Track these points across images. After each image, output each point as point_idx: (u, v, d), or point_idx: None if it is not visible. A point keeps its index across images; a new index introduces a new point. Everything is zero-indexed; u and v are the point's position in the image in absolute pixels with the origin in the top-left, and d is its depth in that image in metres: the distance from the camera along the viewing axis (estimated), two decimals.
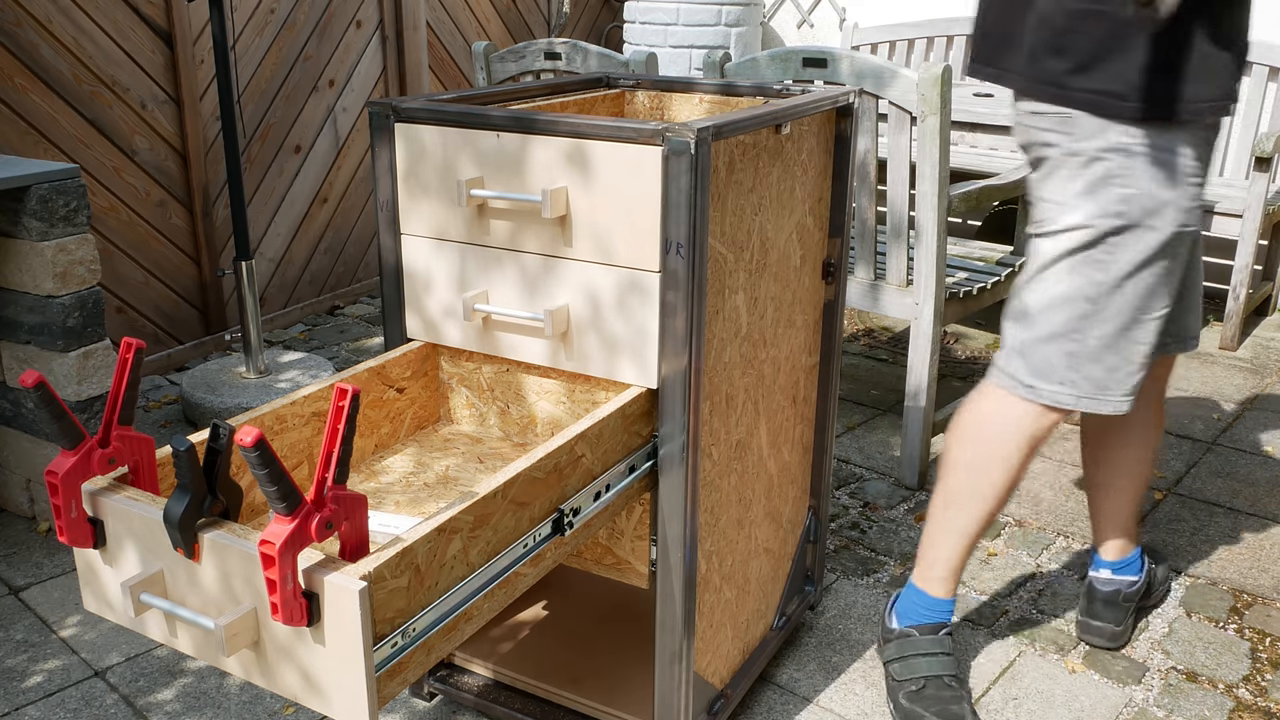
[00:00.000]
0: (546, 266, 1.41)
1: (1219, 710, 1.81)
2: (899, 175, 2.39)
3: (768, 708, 1.80)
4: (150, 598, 1.05)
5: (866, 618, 2.05)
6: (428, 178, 1.45)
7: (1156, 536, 2.35)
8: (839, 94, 1.65)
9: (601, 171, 1.32)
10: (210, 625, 1.00)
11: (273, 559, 0.93)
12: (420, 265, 1.50)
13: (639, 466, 1.41)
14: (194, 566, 1.04)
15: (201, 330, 3.38)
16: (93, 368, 2.18)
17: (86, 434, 1.09)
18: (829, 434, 1.88)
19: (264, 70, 3.43)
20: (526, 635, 1.82)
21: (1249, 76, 3.71)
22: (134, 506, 1.06)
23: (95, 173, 3.01)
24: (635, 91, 1.86)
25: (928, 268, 2.36)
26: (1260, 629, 2.04)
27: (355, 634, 0.95)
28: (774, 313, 1.61)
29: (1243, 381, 3.25)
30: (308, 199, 3.69)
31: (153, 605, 1.05)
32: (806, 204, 1.66)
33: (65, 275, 2.11)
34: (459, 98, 1.55)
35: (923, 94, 2.25)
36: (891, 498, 2.52)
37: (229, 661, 1.05)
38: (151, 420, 2.90)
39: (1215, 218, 3.33)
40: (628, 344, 1.38)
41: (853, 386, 3.18)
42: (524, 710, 1.68)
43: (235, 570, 1.00)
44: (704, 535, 1.51)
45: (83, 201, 2.12)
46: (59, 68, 2.87)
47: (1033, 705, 1.82)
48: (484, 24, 4.28)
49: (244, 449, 0.90)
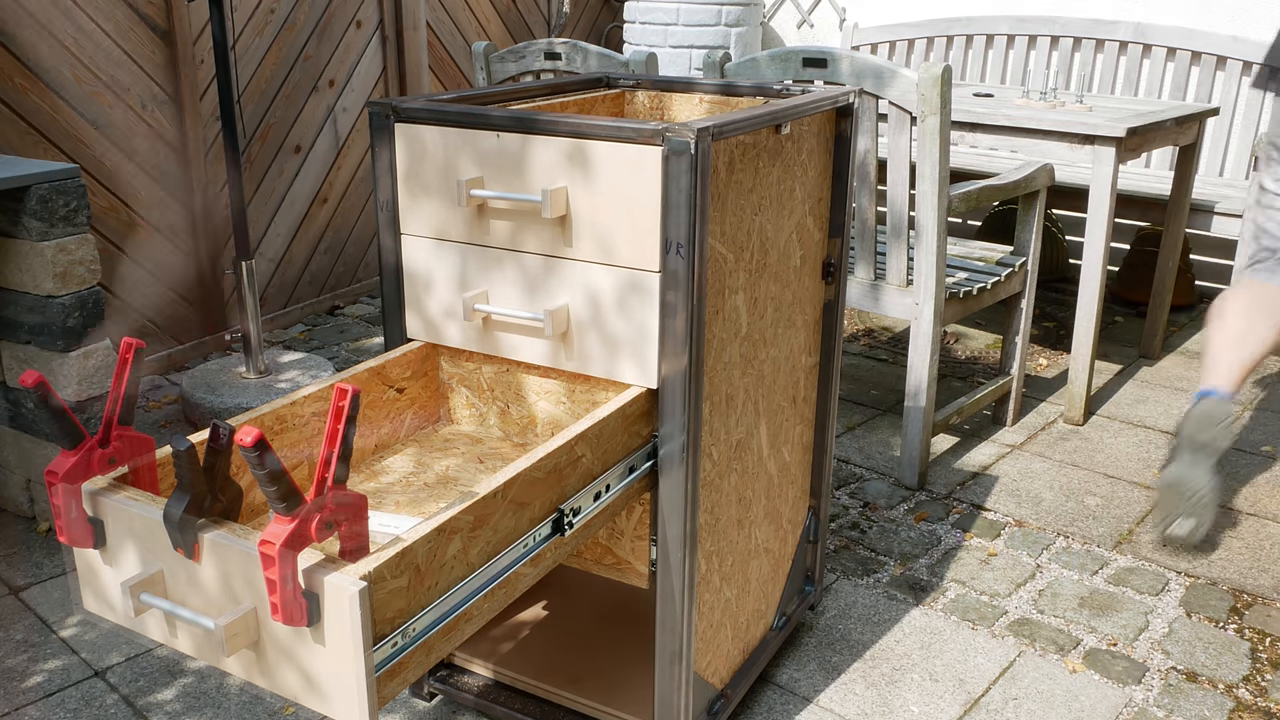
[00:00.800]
0: (546, 266, 1.41)
1: (1219, 710, 1.81)
2: (899, 175, 2.39)
3: (768, 708, 1.80)
4: (150, 598, 1.05)
5: (866, 618, 2.05)
6: (428, 178, 1.45)
7: (1157, 536, 2.35)
8: (839, 94, 1.65)
9: (601, 171, 1.32)
10: (210, 625, 1.00)
11: (273, 559, 0.93)
12: (420, 265, 1.50)
13: (639, 466, 1.41)
14: (194, 566, 1.04)
15: (201, 330, 3.38)
16: (93, 368, 2.18)
17: (86, 434, 1.09)
18: (829, 434, 1.88)
19: (264, 70, 3.43)
20: (526, 635, 1.82)
21: (1249, 76, 3.71)
22: (134, 506, 1.06)
23: (95, 173, 3.01)
24: (635, 91, 1.86)
25: (928, 268, 2.36)
26: (1260, 629, 2.04)
27: (355, 634, 0.95)
28: (774, 313, 1.61)
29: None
30: (308, 199, 3.69)
31: (153, 605, 1.05)
32: (806, 204, 1.66)
33: (65, 275, 2.11)
34: (459, 98, 1.55)
35: (923, 94, 2.25)
36: (891, 498, 2.52)
37: (229, 662, 1.05)
38: (151, 420, 2.90)
39: (1215, 218, 3.33)
40: (628, 344, 1.38)
41: (853, 386, 3.18)
42: (524, 710, 1.68)
43: (235, 570, 1.00)
44: (704, 535, 1.51)
45: (83, 201, 2.12)
46: (59, 68, 2.87)
47: (1033, 705, 1.82)
48: (484, 24, 4.28)
49: (244, 449, 0.90)
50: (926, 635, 2.00)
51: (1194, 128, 3.09)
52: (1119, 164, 2.71)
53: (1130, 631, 2.02)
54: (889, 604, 2.10)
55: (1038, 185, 2.66)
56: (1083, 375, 2.88)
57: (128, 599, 1.05)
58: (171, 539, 1.02)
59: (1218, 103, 3.80)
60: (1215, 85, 3.80)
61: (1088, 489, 2.56)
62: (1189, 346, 3.53)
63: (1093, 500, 2.51)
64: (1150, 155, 3.91)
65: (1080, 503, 2.50)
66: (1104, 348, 3.51)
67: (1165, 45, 3.84)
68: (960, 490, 2.55)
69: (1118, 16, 4.02)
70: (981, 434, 2.86)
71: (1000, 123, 2.78)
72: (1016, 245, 2.77)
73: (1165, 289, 3.32)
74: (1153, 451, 2.77)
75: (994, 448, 2.77)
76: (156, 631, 1.10)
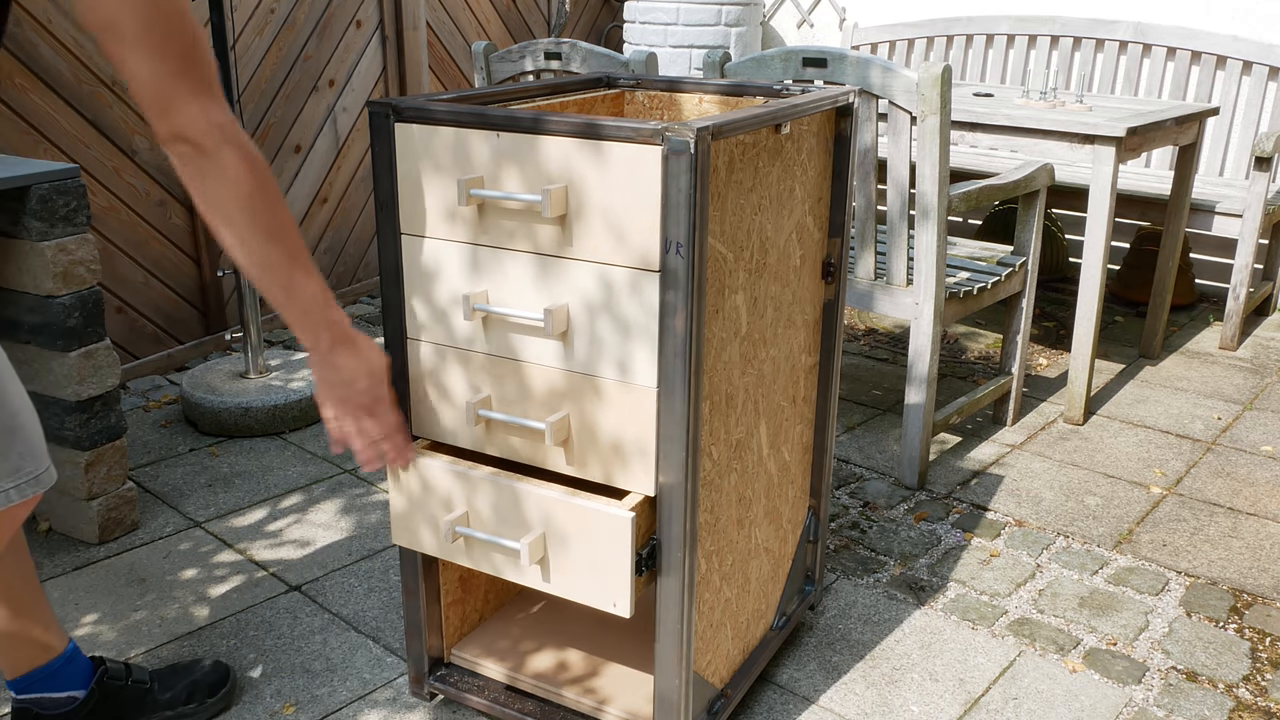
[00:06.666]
0: (546, 266, 1.41)
1: (1219, 710, 1.81)
2: (899, 175, 2.39)
3: (768, 708, 1.80)
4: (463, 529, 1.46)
5: (866, 618, 2.05)
6: (428, 177, 1.45)
7: (1157, 536, 2.35)
8: (839, 94, 1.65)
9: (601, 171, 1.32)
10: (517, 545, 1.38)
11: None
12: (420, 265, 1.50)
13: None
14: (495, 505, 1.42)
15: (201, 330, 3.38)
16: (93, 368, 2.18)
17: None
18: (829, 434, 1.88)
19: (264, 70, 3.43)
20: (527, 635, 1.82)
21: (1249, 76, 3.71)
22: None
23: (95, 173, 3.01)
24: (635, 91, 1.86)
25: (928, 268, 2.36)
26: (1260, 629, 2.04)
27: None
28: (774, 312, 1.61)
29: (1243, 381, 3.25)
30: (308, 199, 3.69)
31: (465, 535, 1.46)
32: (806, 204, 1.66)
33: (65, 275, 2.11)
34: (459, 98, 1.55)
35: (923, 94, 2.25)
36: (891, 498, 2.52)
37: (528, 571, 1.46)
38: (151, 420, 2.90)
39: (1215, 217, 3.33)
40: (627, 343, 1.38)
41: (853, 386, 3.18)
42: (524, 710, 1.68)
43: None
44: (704, 535, 1.51)
45: (83, 201, 2.12)
46: (59, 68, 2.87)
47: (1033, 705, 1.82)
48: (484, 24, 4.28)
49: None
50: (926, 635, 2.00)
51: (1194, 127, 3.09)
52: (1119, 164, 2.71)
53: (1130, 631, 2.02)
54: (889, 604, 2.10)
55: (1038, 185, 2.66)
56: (1083, 375, 2.88)
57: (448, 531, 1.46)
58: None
59: (1218, 103, 3.80)
60: (1215, 85, 3.80)
61: (1088, 489, 2.56)
62: (1189, 346, 3.53)
63: (1093, 500, 2.51)
64: (1150, 155, 3.91)
65: (1080, 502, 2.50)
66: (1104, 347, 3.51)
67: (1165, 45, 3.84)
68: (960, 490, 2.55)
69: (1118, 16, 4.02)
70: (981, 434, 2.86)
71: (1000, 122, 2.78)
72: (1016, 245, 2.77)
73: (1165, 289, 3.32)
74: (1153, 451, 2.77)
75: (994, 447, 2.77)
76: (464, 558, 1.50)
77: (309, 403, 2.86)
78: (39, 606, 1.58)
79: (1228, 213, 3.31)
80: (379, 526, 2.36)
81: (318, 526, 2.36)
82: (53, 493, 2.28)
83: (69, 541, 2.28)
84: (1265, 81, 3.67)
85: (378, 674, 1.87)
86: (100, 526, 2.26)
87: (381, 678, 1.86)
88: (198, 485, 2.54)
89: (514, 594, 1.93)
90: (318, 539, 2.31)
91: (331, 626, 2.00)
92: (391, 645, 1.95)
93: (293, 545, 2.28)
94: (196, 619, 2.02)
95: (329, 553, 2.25)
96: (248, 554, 2.25)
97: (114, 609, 2.05)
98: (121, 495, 2.29)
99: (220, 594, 2.10)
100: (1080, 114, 2.78)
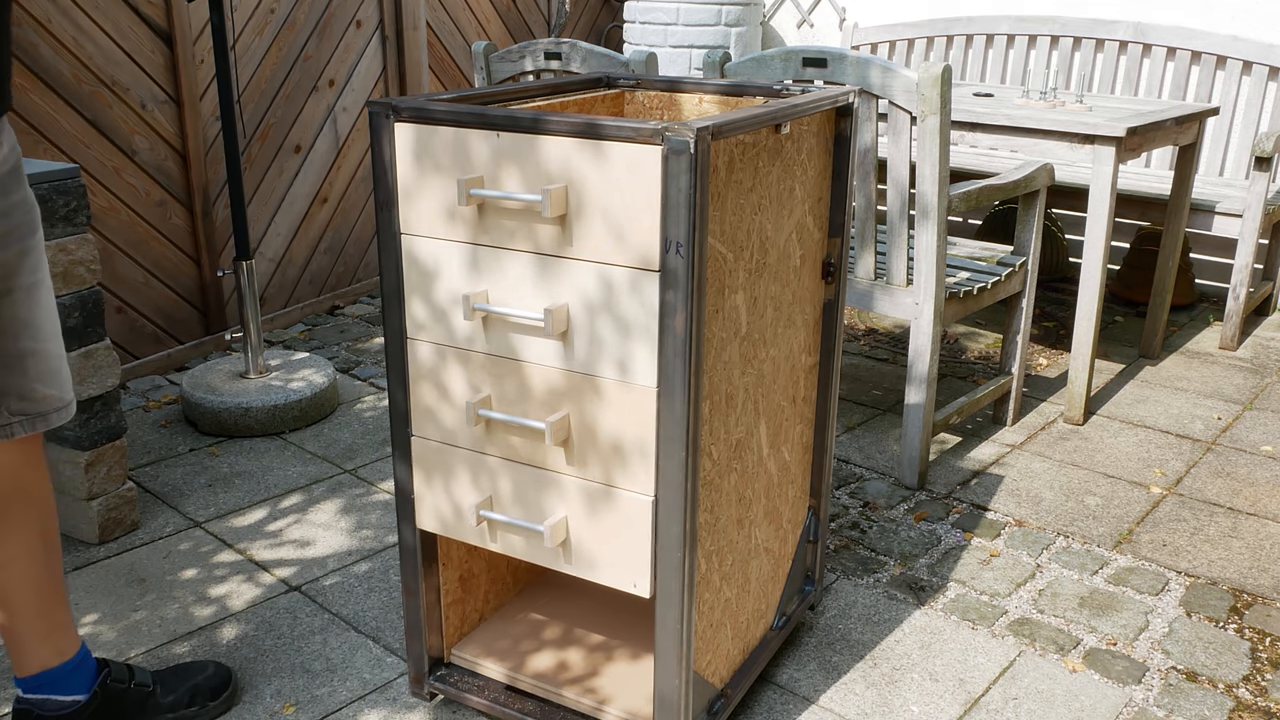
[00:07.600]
0: (546, 266, 1.41)
1: (1219, 710, 1.81)
2: (899, 175, 2.39)
3: (768, 708, 1.80)
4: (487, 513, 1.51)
5: (866, 618, 2.05)
6: (428, 177, 1.45)
7: (1157, 536, 2.35)
8: (839, 94, 1.65)
9: (601, 171, 1.32)
10: (540, 528, 1.45)
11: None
12: (420, 265, 1.50)
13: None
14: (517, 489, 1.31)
15: (201, 330, 3.38)
16: (93, 368, 2.18)
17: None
18: (829, 434, 1.88)
19: (264, 70, 3.43)
20: (527, 635, 1.82)
21: (1249, 76, 3.71)
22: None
23: (95, 173, 3.01)
24: (635, 91, 1.86)
25: (928, 268, 2.36)
26: (1260, 629, 2.04)
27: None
28: (774, 312, 1.61)
29: (1243, 381, 3.25)
30: (308, 199, 3.69)
31: (489, 519, 1.51)
32: (806, 204, 1.66)
33: (65, 275, 2.11)
34: (459, 98, 1.55)
35: (923, 94, 2.25)
36: (891, 498, 2.52)
37: (550, 551, 1.50)
38: (151, 420, 2.90)
39: (1215, 217, 3.33)
40: (627, 343, 1.38)
41: (853, 386, 3.18)
42: (524, 710, 1.68)
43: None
44: (704, 535, 1.51)
45: (83, 201, 2.12)
46: (59, 68, 2.87)
47: (1033, 705, 1.82)
48: (484, 24, 4.28)
49: None
50: (926, 635, 2.00)
51: (1194, 127, 3.09)
52: (1119, 164, 2.71)
53: (1130, 631, 2.02)
54: (889, 604, 2.10)
55: (1038, 185, 2.66)
56: (1083, 375, 2.88)
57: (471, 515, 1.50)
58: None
59: (1218, 103, 3.80)
60: (1215, 85, 3.80)
61: (1088, 489, 2.56)
62: (1189, 346, 3.53)
63: (1093, 500, 2.51)
64: (1150, 155, 3.91)
65: (1080, 502, 2.50)
66: (1104, 347, 3.51)
67: (1165, 45, 3.84)
68: (960, 490, 2.55)
69: (1118, 16, 4.02)
70: (981, 434, 2.86)
71: (1000, 122, 2.78)
72: (1016, 245, 2.77)
73: (1165, 289, 3.32)
74: (1153, 451, 2.77)
75: (994, 447, 2.77)
76: (488, 539, 1.54)
77: (309, 403, 2.86)
78: (61, 608, 1.59)
79: (1228, 213, 3.31)
80: (379, 526, 2.36)
81: (318, 526, 2.36)
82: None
83: (69, 541, 2.28)
84: (1265, 81, 3.67)
85: (378, 674, 1.87)
86: (100, 526, 2.26)
87: (381, 678, 1.86)
88: (198, 485, 2.54)
89: (514, 594, 1.93)
90: (318, 539, 2.31)
91: (331, 626, 2.00)
92: (391, 645, 1.95)
93: (293, 545, 2.28)
94: (196, 619, 2.02)
95: (329, 553, 2.26)
96: (248, 554, 2.25)
97: (114, 609, 2.05)
98: (121, 495, 2.29)
99: (220, 594, 2.11)
100: (1080, 114, 2.78)
